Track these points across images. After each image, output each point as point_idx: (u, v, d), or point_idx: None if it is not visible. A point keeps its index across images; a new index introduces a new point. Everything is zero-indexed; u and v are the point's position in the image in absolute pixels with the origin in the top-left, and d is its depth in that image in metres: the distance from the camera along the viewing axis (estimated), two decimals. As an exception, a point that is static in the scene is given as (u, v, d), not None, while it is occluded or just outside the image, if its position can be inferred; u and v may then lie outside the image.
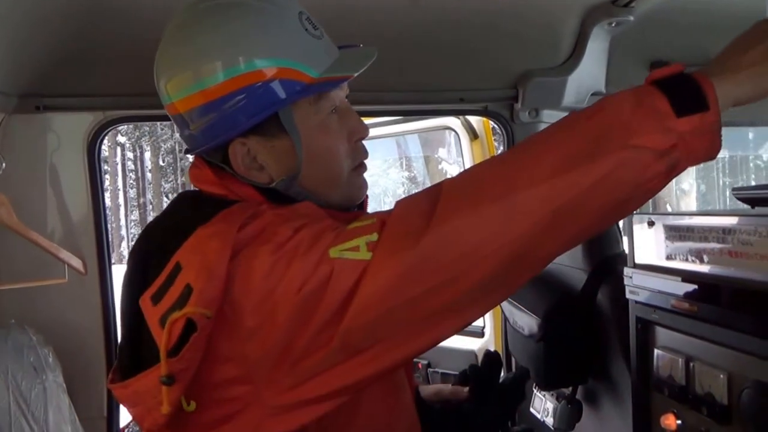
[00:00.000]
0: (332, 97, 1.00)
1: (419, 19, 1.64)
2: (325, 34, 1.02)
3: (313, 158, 0.99)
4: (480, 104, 1.98)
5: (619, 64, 1.93)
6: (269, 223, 0.87)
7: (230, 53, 0.94)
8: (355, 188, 1.07)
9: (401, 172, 16.49)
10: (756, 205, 0.96)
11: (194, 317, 0.81)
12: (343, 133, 1.02)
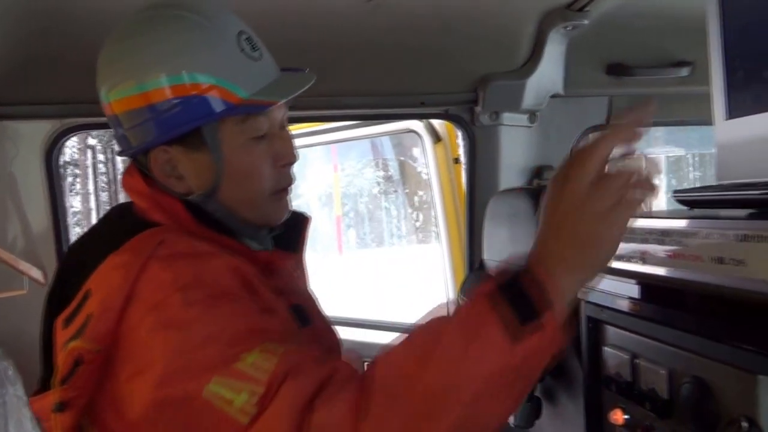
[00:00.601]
0: (260, 120, 1.01)
1: (378, 24, 1.66)
2: (265, 55, 1.04)
3: (232, 177, 1.01)
4: (441, 108, 2.00)
5: (576, 67, 1.98)
6: (168, 282, 0.88)
7: (174, 63, 0.96)
8: (273, 212, 1.08)
9: (376, 171, 16.51)
10: (695, 207, 0.99)
11: (82, 351, 0.84)
12: (268, 157, 1.03)
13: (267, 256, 1.07)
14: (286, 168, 1.08)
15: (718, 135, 1.13)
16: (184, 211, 1.01)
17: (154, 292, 0.87)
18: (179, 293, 0.87)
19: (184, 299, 0.86)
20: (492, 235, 1.74)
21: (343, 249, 15.09)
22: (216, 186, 1.02)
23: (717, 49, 1.11)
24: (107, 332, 0.85)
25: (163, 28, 0.99)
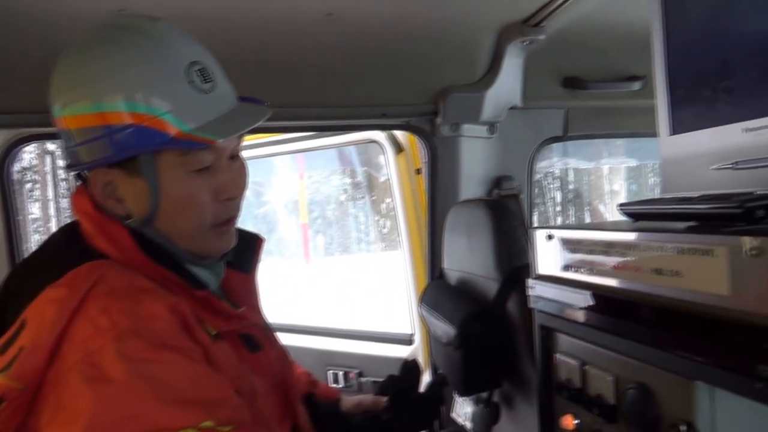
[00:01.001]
0: (203, 153, 1.00)
1: (338, 38, 1.68)
2: (220, 86, 1.02)
3: (168, 207, 1.00)
4: (402, 119, 2.03)
5: (534, 80, 2.03)
6: (105, 329, 0.86)
7: (119, 88, 0.95)
8: (212, 245, 1.06)
9: (344, 178, 16.49)
10: (639, 219, 1.03)
11: (5, 388, 0.83)
12: (208, 190, 1.02)
13: (205, 295, 1.04)
14: (230, 201, 1.05)
15: (662, 150, 1.18)
16: (128, 238, 1.00)
17: (90, 337, 0.85)
18: (115, 343, 0.85)
19: (119, 351, 0.85)
20: (451, 245, 1.78)
21: (309, 256, 14.99)
22: (153, 214, 1.01)
23: (661, 68, 1.16)
24: (34, 371, 0.84)
25: (118, 51, 0.97)
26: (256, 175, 6.42)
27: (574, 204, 18.39)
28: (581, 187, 16.66)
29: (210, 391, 0.90)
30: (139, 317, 0.89)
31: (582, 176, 14.64)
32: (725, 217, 0.81)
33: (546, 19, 1.75)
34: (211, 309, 1.04)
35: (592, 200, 16.75)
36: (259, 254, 1.20)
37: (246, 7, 1.47)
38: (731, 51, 1.00)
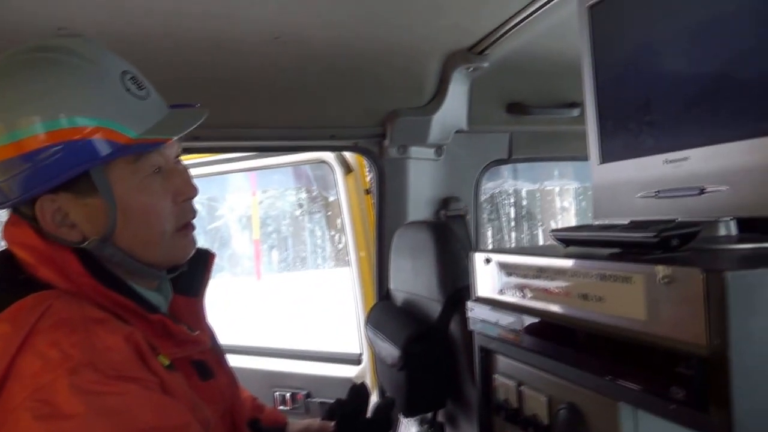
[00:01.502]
0: (154, 157, 1.00)
1: (286, 60, 1.70)
2: (152, 93, 1.03)
3: (129, 218, 0.99)
4: (350, 140, 2.06)
5: (479, 105, 2.09)
6: (56, 362, 0.84)
7: (49, 108, 0.93)
8: (178, 249, 1.06)
9: (299, 193, 16.39)
10: (569, 245, 1.08)
11: None
12: (166, 194, 1.02)
13: (160, 319, 1.02)
14: (187, 203, 1.06)
15: (593, 177, 1.24)
16: (77, 264, 0.97)
17: (39, 372, 0.82)
18: (68, 377, 0.82)
19: (72, 385, 0.82)
20: (397, 266, 1.80)
21: (261, 273, 14.80)
22: (112, 230, 0.98)
23: (591, 101, 1.22)
24: None
25: (38, 72, 0.95)
26: (210, 191, 6.33)
27: (528, 220, 18.74)
28: (534, 204, 16.96)
29: (171, 419, 0.89)
30: (94, 349, 0.87)
31: (535, 194, 14.97)
32: (644, 246, 0.85)
33: (490, 48, 1.81)
34: (165, 334, 1.02)
35: (545, 217, 17.12)
36: (209, 274, 1.18)
37: (194, 28, 1.48)
38: (653, 88, 1.06)
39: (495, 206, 17.77)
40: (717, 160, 0.94)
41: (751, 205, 0.89)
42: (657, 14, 1.05)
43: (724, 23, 0.93)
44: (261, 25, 1.48)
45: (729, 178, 0.92)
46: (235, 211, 14.84)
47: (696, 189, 0.97)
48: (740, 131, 0.90)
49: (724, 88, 0.93)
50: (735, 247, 0.91)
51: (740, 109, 0.90)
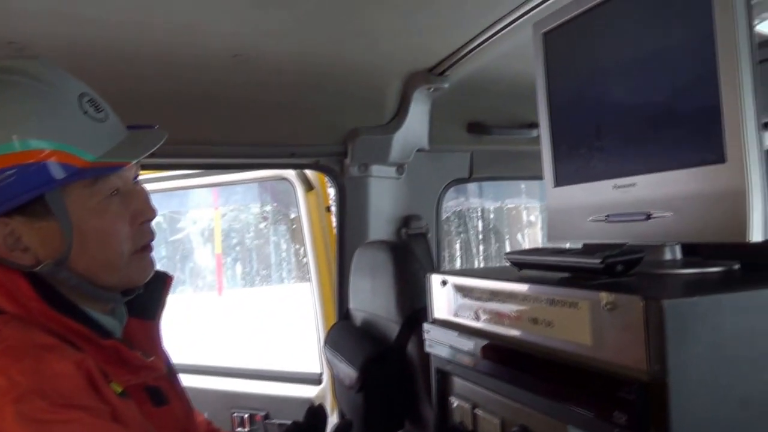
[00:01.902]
0: (112, 180, 0.99)
1: (246, 78, 1.69)
2: (111, 115, 1.02)
3: (85, 241, 0.97)
4: (311, 158, 2.06)
5: (440, 124, 2.11)
6: (2, 390, 0.82)
7: (2, 130, 0.92)
8: (137, 271, 1.05)
9: (264, 206, 16.27)
10: (523, 268, 1.10)
11: None
12: (124, 216, 1.01)
13: (113, 345, 1.00)
14: (145, 224, 1.04)
15: (548, 200, 1.26)
16: (27, 288, 0.95)
17: None
18: (14, 405, 0.81)
19: (19, 413, 0.80)
20: (357, 285, 1.80)
21: (224, 288, 14.60)
22: (67, 253, 0.96)
23: (545, 126, 1.25)
24: None
25: None
26: (171, 205, 6.25)
27: (495, 233, 18.90)
28: (501, 219, 17.14)
29: None
30: (43, 376, 0.85)
31: (502, 208, 15.15)
32: (591, 271, 0.87)
33: (450, 69, 1.83)
34: (118, 360, 1.00)
35: (512, 231, 17.30)
36: (166, 297, 1.17)
37: (150, 44, 1.46)
38: (603, 115, 1.09)
39: (463, 220, 17.96)
40: (662, 187, 0.97)
41: (693, 231, 0.92)
42: (606, 44, 1.09)
43: (668, 57, 0.96)
44: (219, 42, 1.48)
45: (673, 204, 0.94)
46: (197, 223, 14.66)
47: (643, 214, 1.00)
48: (683, 160, 0.93)
49: (668, 118, 0.97)
50: (679, 272, 0.94)
51: (683, 138, 0.94)
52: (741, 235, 0.84)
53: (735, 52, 0.85)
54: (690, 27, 0.92)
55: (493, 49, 1.65)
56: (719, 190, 0.87)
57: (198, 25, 1.39)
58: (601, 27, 1.09)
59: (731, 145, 0.85)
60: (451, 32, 1.58)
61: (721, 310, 0.71)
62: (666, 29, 0.97)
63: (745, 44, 0.85)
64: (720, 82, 0.86)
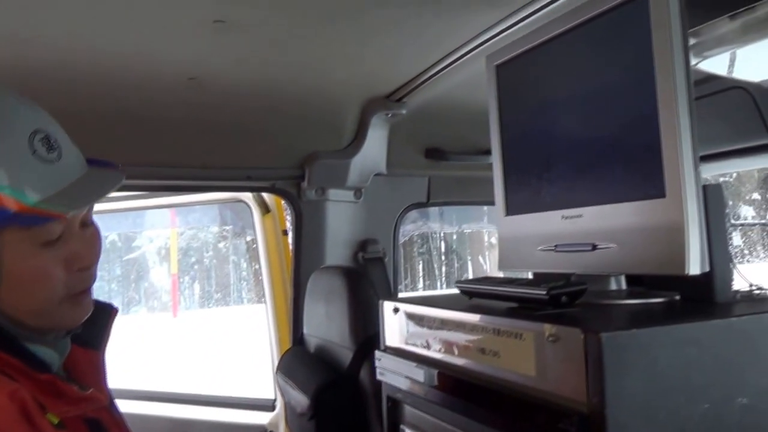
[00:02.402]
0: (51, 224, 0.93)
1: (202, 100, 1.68)
2: (66, 155, 0.96)
3: (13, 285, 0.92)
4: (268, 181, 2.05)
5: (398, 149, 2.13)
6: None
7: None
8: (67, 318, 1.00)
9: (223, 226, 16.06)
10: (473, 297, 1.11)
11: None
12: (59, 261, 0.95)
13: (50, 379, 0.95)
14: (83, 271, 0.99)
15: (499, 229, 1.28)
16: None
17: None
18: None
19: None
20: (311, 310, 1.79)
21: (179, 309, 14.30)
22: None
23: (497, 155, 1.27)
24: None
25: None
26: (127, 225, 6.14)
27: (457, 255, 19.10)
28: (463, 240, 17.26)
29: None
30: None
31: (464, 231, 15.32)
32: (537, 302, 0.89)
33: (407, 96, 1.86)
34: (55, 393, 0.96)
35: (474, 252, 17.50)
36: (111, 328, 1.13)
37: (109, 66, 1.45)
38: (552, 147, 1.12)
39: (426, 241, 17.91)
40: (607, 219, 0.99)
41: (636, 263, 0.94)
42: (556, 78, 1.12)
43: (612, 92, 0.99)
44: (176, 66, 1.47)
45: (617, 236, 0.97)
46: (154, 242, 14.36)
47: (589, 245, 1.02)
48: (626, 194, 0.96)
49: (612, 152, 1.00)
50: (622, 303, 0.96)
51: (626, 172, 0.96)
52: (680, 268, 0.86)
53: (673, 90, 0.88)
54: (632, 65, 0.95)
55: (449, 78, 1.68)
56: (659, 223, 0.90)
57: (153, 49, 1.38)
58: (551, 61, 1.12)
59: (670, 181, 0.88)
60: (407, 61, 1.61)
61: (658, 343, 0.72)
62: (611, 66, 1.01)
63: (682, 83, 0.88)
64: (659, 120, 0.90)
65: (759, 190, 21.15)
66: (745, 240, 18.51)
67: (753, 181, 20.87)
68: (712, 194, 0.92)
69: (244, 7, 1.16)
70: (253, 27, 1.26)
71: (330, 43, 1.42)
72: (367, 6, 1.22)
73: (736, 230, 4.99)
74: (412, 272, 21.97)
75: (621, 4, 0.97)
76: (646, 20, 0.92)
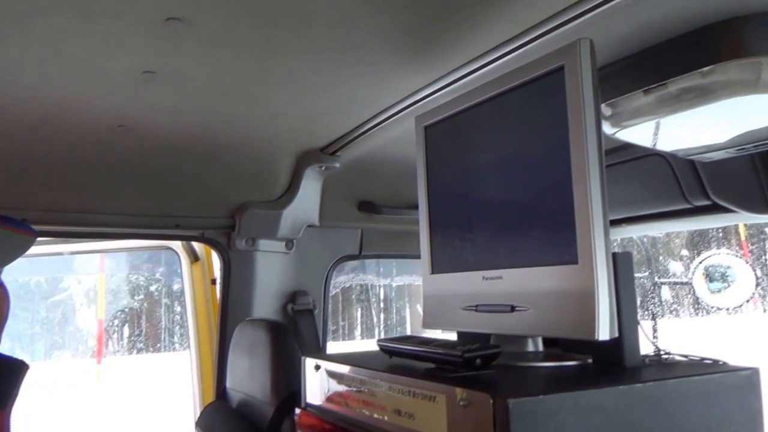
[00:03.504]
0: None
1: (130, 147, 1.65)
2: None
3: None
4: (197, 230, 2.01)
5: (331, 202, 2.13)
6: None
7: None
8: None
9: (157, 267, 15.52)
10: (393, 356, 1.10)
11: None
12: None
13: None
14: None
15: (424, 287, 1.29)
16: None
17: None
18: None
19: None
20: (235, 364, 1.74)
21: (105, 355, 13.65)
22: None
23: (424, 215, 1.29)
24: None
25: None
26: (54, 269, 5.85)
27: (396, 303, 19.07)
28: (402, 290, 17.24)
29: None
30: None
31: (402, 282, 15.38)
32: (452, 364, 0.89)
33: (341, 150, 1.87)
34: None
35: (412, 302, 17.51)
36: (19, 386, 1.08)
37: (36, 112, 1.40)
38: (474, 209, 1.15)
39: (366, 289, 17.73)
40: (524, 282, 1.02)
41: (550, 327, 0.97)
42: (480, 142, 1.16)
43: (531, 159, 1.03)
44: (103, 113, 1.44)
45: (533, 299, 0.99)
46: (82, 283, 13.78)
47: (508, 306, 1.04)
48: (542, 258, 0.98)
49: (530, 216, 1.03)
50: (537, 365, 0.98)
51: (542, 237, 1.00)
52: (590, 333, 0.89)
53: (585, 160, 0.92)
54: (550, 133, 0.99)
55: (382, 134, 1.71)
56: (572, 289, 0.92)
57: (81, 96, 1.35)
58: (476, 126, 1.16)
59: (582, 247, 0.92)
60: (340, 117, 1.63)
61: (565, 409, 0.74)
62: (530, 134, 1.05)
63: (594, 154, 0.92)
64: (573, 188, 0.93)
65: (687, 247, 22.18)
66: (674, 295, 19.27)
67: (683, 237, 21.92)
68: (622, 261, 0.96)
69: (174, 58, 1.15)
70: (184, 78, 1.26)
71: (263, 97, 1.42)
72: (299, 70, 1.24)
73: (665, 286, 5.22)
74: (350, 320, 21.77)
75: (541, 76, 1.02)
76: (562, 92, 0.97)
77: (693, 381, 0.88)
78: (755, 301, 20.67)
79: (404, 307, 17.64)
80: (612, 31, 1.08)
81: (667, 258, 21.29)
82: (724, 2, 0.98)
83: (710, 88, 1.12)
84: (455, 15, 1.04)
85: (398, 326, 17.83)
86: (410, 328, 16.74)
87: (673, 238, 21.78)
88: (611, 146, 1.67)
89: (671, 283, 3.69)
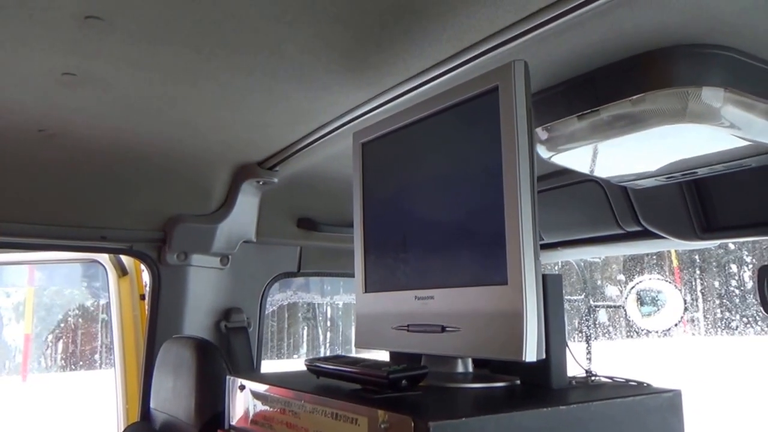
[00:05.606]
0: None
1: (53, 154, 1.58)
2: None
3: None
4: (125, 243, 1.93)
5: (269, 217, 2.09)
6: None
7: None
8: None
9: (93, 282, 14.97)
10: (320, 376, 1.07)
11: None
12: None
13: None
14: None
15: (357, 305, 1.26)
16: None
17: None
18: None
19: None
20: (159, 383, 1.67)
21: (31, 373, 13.02)
22: None
23: (358, 232, 1.27)
24: None
25: None
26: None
27: (342, 321, 18.93)
28: (349, 308, 17.11)
29: None
30: None
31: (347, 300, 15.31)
32: (377, 385, 0.87)
33: (279, 165, 1.84)
34: None
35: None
36: None
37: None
38: (408, 228, 1.14)
39: (312, 306, 17.54)
40: (455, 303, 1.00)
41: (479, 347, 0.95)
42: (415, 161, 1.15)
43: (464, 180, 1.03)
44: (23, 116, 1.36)
45: (463, 320, 0.98)
46: (11, 296, 13.16)
47: (438, 327, 1.03)
48: (473, 279, 0.98)
49: (462, 237, 1.02)
50: (465, 386, 0.97)
51: (474, 258, 0.99)
52: (517, 354, 0.88)
53: (517, 182, 0.92)
54: (483, 155, 0.99)
55: (320, 150, 1.69)
56: (501, 310, 0.92)
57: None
58: (412, 144, 1.15)
59: (512, 269, 0.91)
60: (278, 131, 1.60)
61: (487, 431, 0.72)
62: (465, 154, 1.04)
63: (526, 177, 0.93)
64: (504, 209, 0.93)
65: (624, 272, 22.93)
66: (609, 318, 19.82)
67: (619, 263, 22.63)
68: (552, 283, 0.96)
69: (96, 60, 1.10)
70: (108, 81, 1.20)
71: (195, 107, 1.38)
72: (233, 80, 1.21)
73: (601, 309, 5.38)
74: (295, 337, 21.45)
75: (475, 96, 1.02)
76: (496, 112, 0.97)
77: (617, 403, 0.88)
78: (684, 323, 21.46)
79: (350, 326, 17.56)
80: (549, 55, 1.09)
81: (605, 282, 21.94)
82: (653, 33, 1.01)
83: (640, 116, 1.14)
84: (390, 33, 1.03)
85: (345, 344, 17.68)
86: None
87: (610, 263, 22.48)
88: (548, 171, 1.69)
89: (606, 306, 3.77)
